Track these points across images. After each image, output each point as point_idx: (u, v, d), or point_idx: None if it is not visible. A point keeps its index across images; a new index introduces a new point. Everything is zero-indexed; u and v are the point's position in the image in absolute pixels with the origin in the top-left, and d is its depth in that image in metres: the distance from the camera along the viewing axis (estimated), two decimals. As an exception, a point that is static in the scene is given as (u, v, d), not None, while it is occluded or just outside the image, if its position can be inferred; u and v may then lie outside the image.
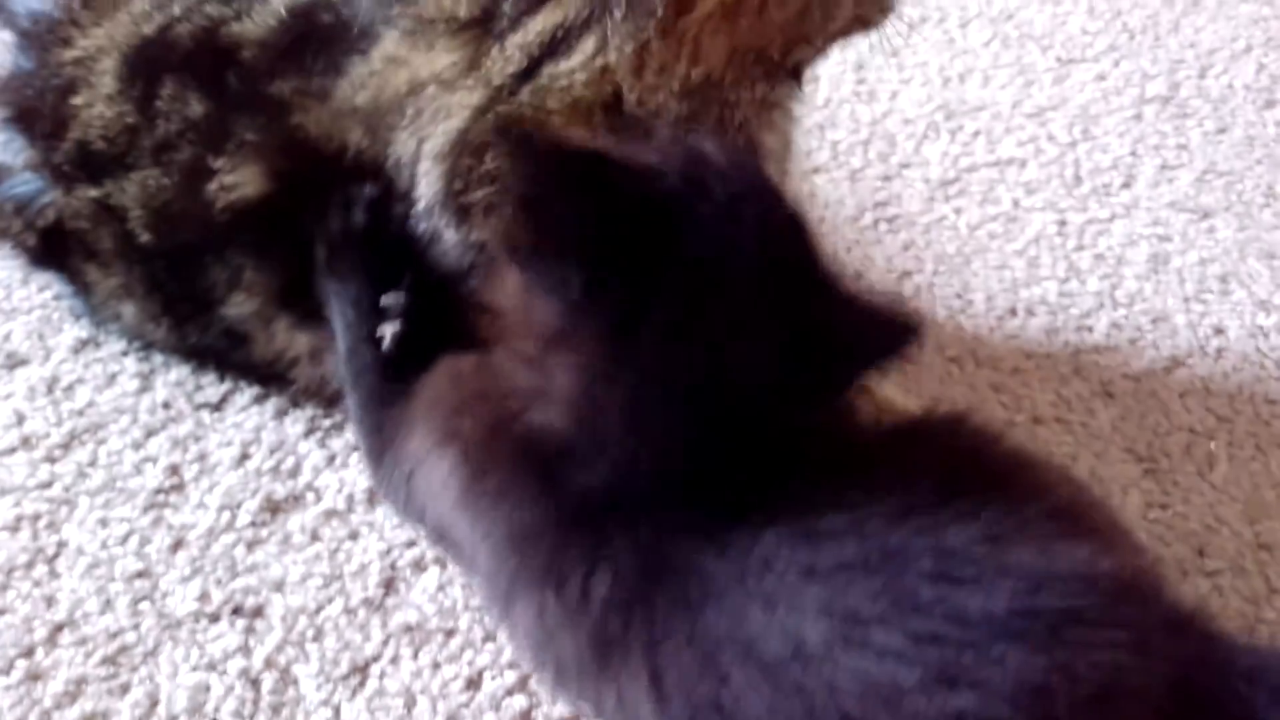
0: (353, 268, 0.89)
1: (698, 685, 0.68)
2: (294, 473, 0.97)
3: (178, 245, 0.94)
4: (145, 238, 0.95)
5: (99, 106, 0.95)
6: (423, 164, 0.85)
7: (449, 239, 0.86)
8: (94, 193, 0.95)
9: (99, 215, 0.96)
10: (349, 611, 0.88)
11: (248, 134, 0.90)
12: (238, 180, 0.91)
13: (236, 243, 0.92)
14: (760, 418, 0.70)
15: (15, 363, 1.04)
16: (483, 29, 0.85)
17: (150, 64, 0.95)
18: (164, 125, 0.93)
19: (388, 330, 0.88)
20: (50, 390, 1.02)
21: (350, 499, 0.95)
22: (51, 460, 0.97)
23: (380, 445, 0.88)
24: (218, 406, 1.01)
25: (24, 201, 0.99)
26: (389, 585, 0.90)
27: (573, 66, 0.82)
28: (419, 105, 0.86)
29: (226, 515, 0.93)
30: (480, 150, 0.84)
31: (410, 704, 0.84)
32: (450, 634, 0.87)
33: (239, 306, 0.94)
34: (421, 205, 0.86)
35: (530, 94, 0.83)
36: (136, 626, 0.87)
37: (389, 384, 0.87)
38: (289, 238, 0.91)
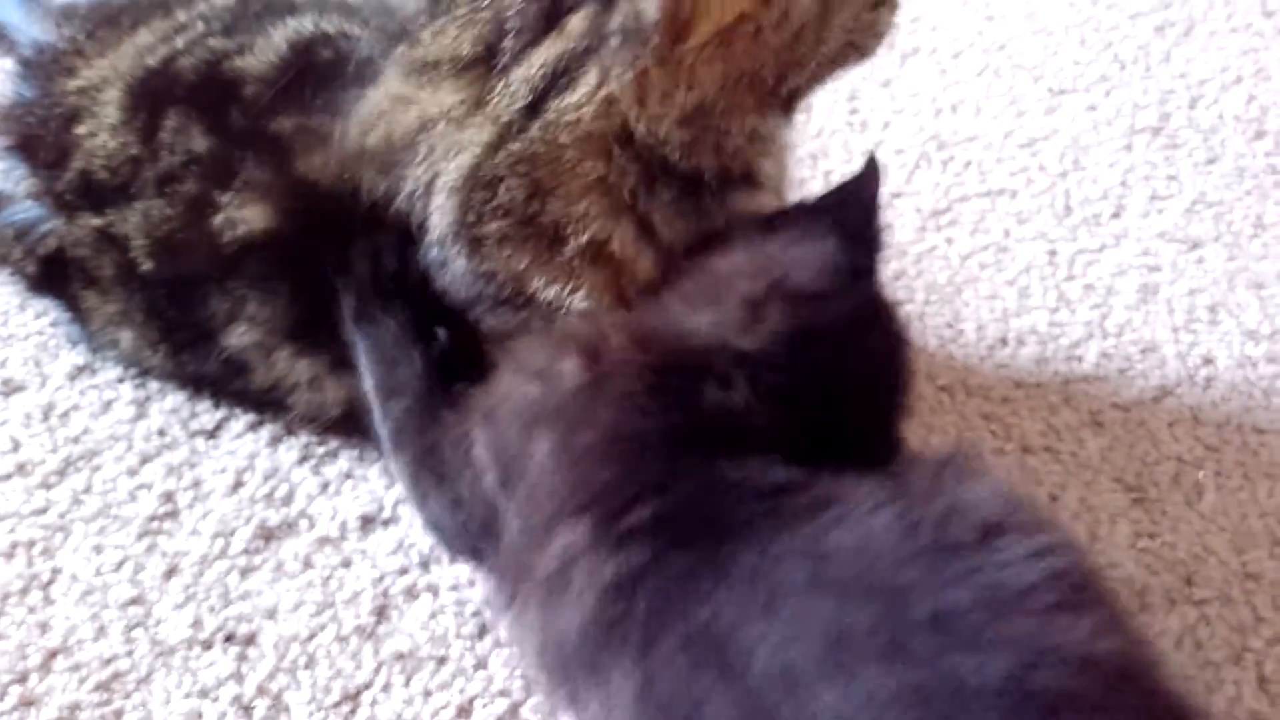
0: (386, 308, 0.90)
1: (682, 693, 0.68)
2: (287, 500, 0.97)
3: (179, 275, 0.95)
4: (147, 266, 0.95)
5: (102, 136, 0.96)
6: (436, 198, 0.86)
7: (459, 268, 0.87)
8: (96, 221, 0.96)
9: (100, 243, 0.97)
10: (341, 639, 0.89)
11: (253, 172, 0.91)
12: (244, 216, 0.91)
13: (241, 275, 0.93)
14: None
15: (12, 389, 1.05)
16: (486, 67, 0.86)
17: (154, 96, 0.96)
18: (167, 157, 0.94)
19: (441, 333, 0.90)
20: (46, 417, 1.03)
21: (343, 526, 0.96)
22: (47, 486, 0.98)
23: (430, 440, 0.88)
24: (212, 433, 1.02)
25: (25, 229, 1.00)
26: (381, 613, 0.91)
27: (579, 99, 0.83)
28: (431, 142, 0.86)
29: (220, 542, 0.94)
30: (493, 184, 0.84)
31: (401, 731, 0.84)
32: (442, 662, 0.88)
33: (240, 337, 0.94)
34: (435, 235, 0.87)
35: (540, 129, 0.83)
36: (130, 653, 0.88)
37: (441, 386, 0.90)
38: (296, 271, 0.92)
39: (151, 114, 0.95)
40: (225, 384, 1.00)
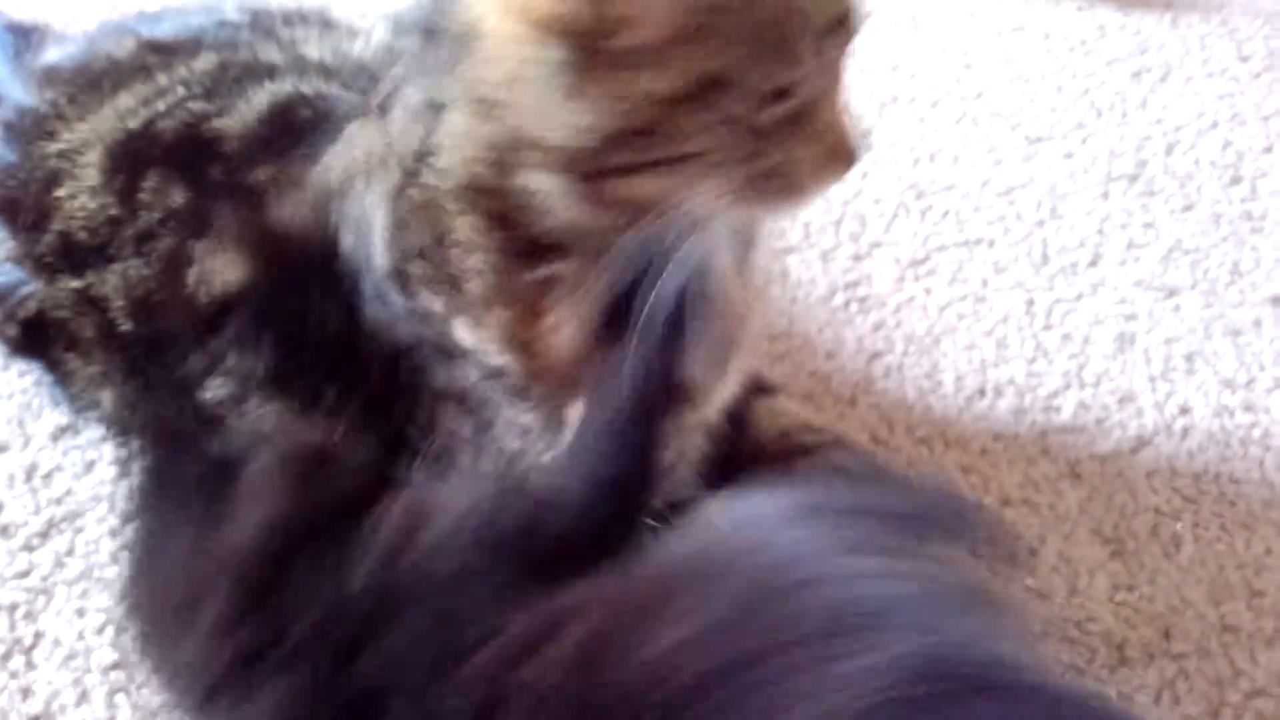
0: None
1: None
2: (269, 559, 0.98)
3: (158, 333, 0.95)
4: (126, 327, 0.96)
5: (82, 198, 0.97)
6: (375, 232, 0.87)
7: (399, 307, 0.87)
8: (76, 283, 0.97)
9: (80, 305, 0.97)
10: (322, 702, 0.89)
11: (227, 221, 0.92)
12: (218, 268, 0.92)
13: (217, 328, 0.93)
14: None
15: (-5, 449, 1.06)
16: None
17: (134, 157, 0.97)
18: (146, 216, 0.94)
19: None
20: (29, 478, 1.03)
21: (324, 586, 0.96)
22: (29, 549, 0.98)
23: None
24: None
25: (5, 293, 1.00)
26: (362, 675, 0.91)
27: (440, 138, 0.82)
28: (368, 176, 0.87)
29: (202, 605, 0.94)
30: (406, 226, 0.85)
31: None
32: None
33: (216, 390, 0.95)
34: (378, 271, 0.87)
35: (427, 175, 0.83)
36: (112, 718, 0.88)
37: None
38: (272, 320, 0.92)
39: (131, 175, 0.96)
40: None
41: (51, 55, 1.11)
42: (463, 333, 0.86)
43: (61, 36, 1.21)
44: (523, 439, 0.87)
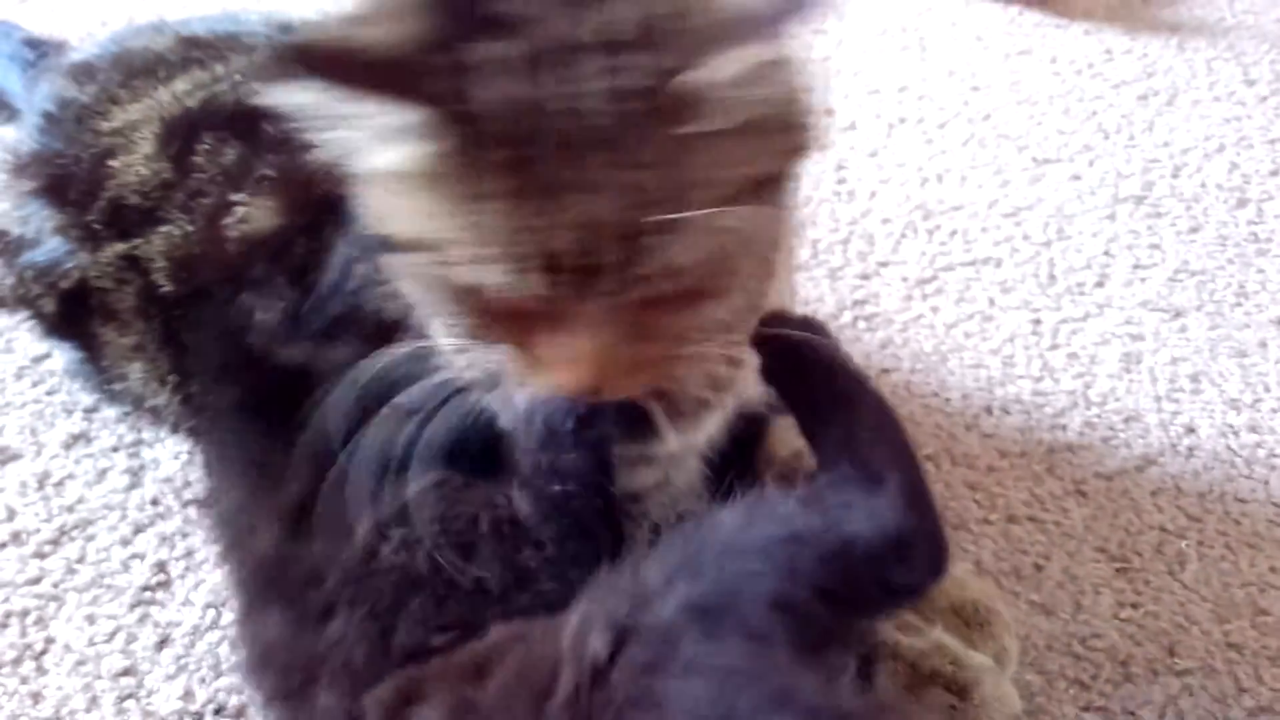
0: None
1: None
2: (279, 569, 0.98)
3: (195, 291, 0.96)
4: (167, 288, 0.97)
5: (137, 166, 0.98)
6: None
7: (386, 274, 0.87)
8: (121, 247, 0.98)
9: (124, 271, 0.98)
10: (331, 710, 0.89)
11: (268, 169, 0.93)
12: (252, 212, 0.93)
13: (248, 284, 0.93)
14: None
15: (7, 458, 1.06)
16: None
17: (190, 126, 0.98)
18: (198, 176, 0.96)
19: None
20: (41, 486, 1.04)
21: (334, 596, 0.96)
22: (41, 556, 0.99)
23: None
24: (205, 502, 1.03)
25: (47, 267, 1.01)
26: (371, 684, 0.91)
27: None
28: None
29: (211, 613, 0.95)
30: None
31: (390, 804, 0.85)
32: (431, 733, 0.88)
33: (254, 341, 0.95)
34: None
35: None
36: (121, 724, 0.88)
37: None
38: (292, 261, 0.92)
39: (187, 141, 0.97)
40: None
41: (76, 55, 1.13)
42: (438, 333, 0.86)
43: (77, 50, 1.23)
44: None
